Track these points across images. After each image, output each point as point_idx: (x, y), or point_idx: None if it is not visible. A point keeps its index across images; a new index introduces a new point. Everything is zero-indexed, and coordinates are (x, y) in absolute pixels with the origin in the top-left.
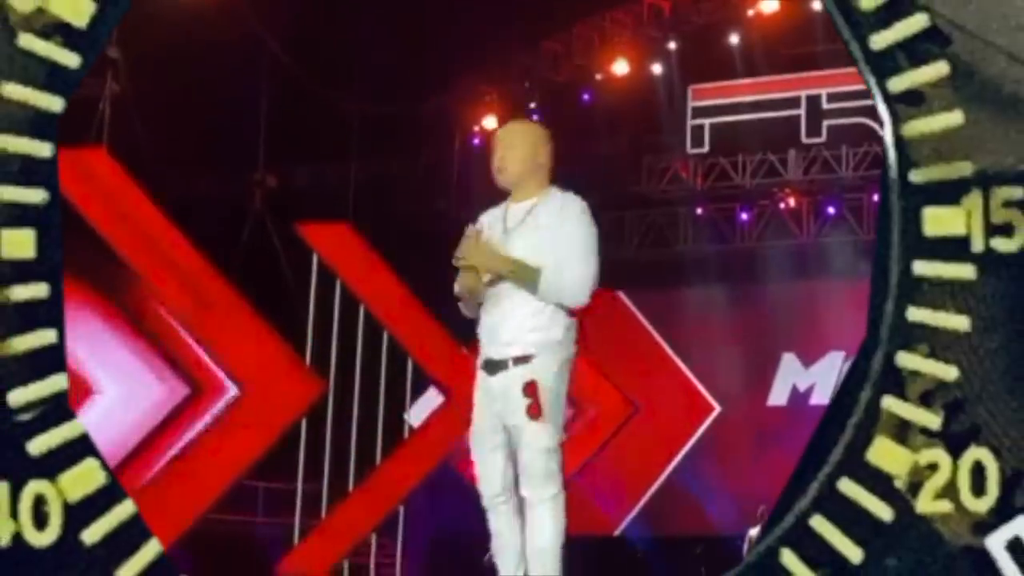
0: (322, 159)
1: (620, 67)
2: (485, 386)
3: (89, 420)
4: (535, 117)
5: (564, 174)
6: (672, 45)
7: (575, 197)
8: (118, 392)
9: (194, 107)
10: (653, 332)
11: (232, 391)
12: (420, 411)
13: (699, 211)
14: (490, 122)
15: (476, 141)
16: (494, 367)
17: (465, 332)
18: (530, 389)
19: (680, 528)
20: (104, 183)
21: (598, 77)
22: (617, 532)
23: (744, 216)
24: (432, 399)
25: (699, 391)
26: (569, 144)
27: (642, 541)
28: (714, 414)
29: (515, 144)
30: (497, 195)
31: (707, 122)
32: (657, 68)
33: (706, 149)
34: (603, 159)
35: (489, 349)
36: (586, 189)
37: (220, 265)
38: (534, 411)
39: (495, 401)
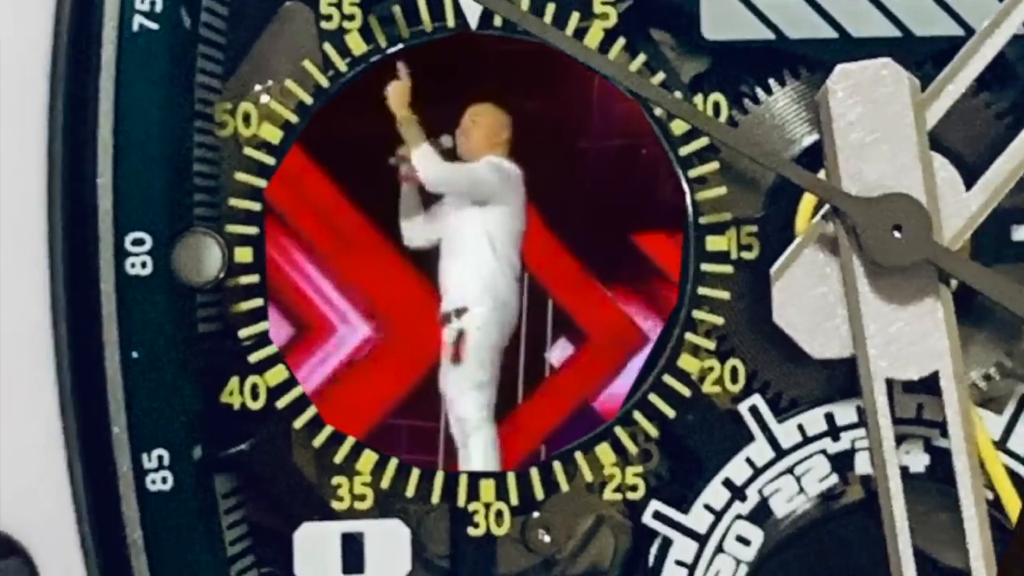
0: (460, 94)
1: None
2: None
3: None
4: None
5: None
6: None
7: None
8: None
9: None
10: None
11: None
12: (561, 352)
13: None
14: None
15: None
16: None
17: (606, 273)
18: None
19: None
20: None
21: None
22: None
23: None
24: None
25: None
26: None
27: None
28: None
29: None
30: (624, 135)
31: None
32: None
33: None
34: None
35: None
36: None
37: (360, 203)
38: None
39: None
